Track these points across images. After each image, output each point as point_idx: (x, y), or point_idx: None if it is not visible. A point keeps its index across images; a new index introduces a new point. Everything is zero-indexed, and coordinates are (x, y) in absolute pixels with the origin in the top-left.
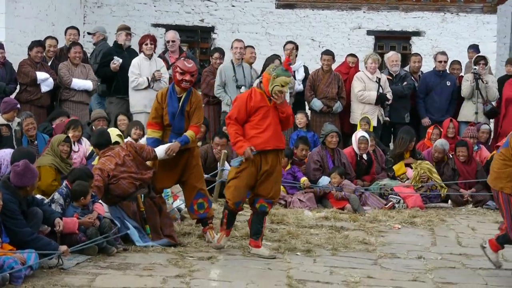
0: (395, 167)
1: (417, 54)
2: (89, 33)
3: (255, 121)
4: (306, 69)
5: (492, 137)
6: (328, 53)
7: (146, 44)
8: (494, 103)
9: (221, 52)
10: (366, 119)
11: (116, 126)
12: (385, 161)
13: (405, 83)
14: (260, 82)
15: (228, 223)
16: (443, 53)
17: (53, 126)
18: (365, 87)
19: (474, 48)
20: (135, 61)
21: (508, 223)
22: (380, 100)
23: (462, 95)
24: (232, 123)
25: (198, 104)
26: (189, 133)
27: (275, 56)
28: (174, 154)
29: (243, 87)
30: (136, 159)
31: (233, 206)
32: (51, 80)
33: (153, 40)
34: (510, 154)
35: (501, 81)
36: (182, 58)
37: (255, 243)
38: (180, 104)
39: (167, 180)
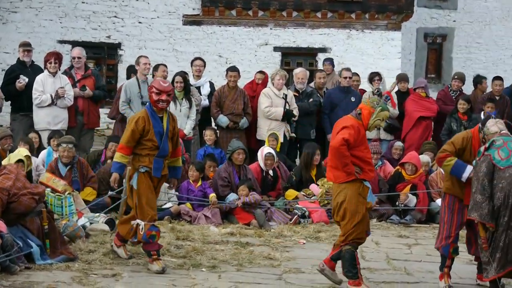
0: (287, 193)
1: (321, 70)
2: None
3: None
4: (212, 85)
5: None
6: (233, 69)
7: (50, 63)
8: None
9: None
10: (274, 135)
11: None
12: (288, 177)
13: (311, 99)
14: (359, 113)
15: None
16: (348, 69)
17: None
18: (272, 103)
19: (329, 61)
20: (39, 78)
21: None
22: (287, 116)
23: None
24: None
25: (176, 124)
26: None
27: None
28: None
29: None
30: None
31: None
32: None
33: (58, 57)
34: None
35: (401, 97)
36: (158, 78)
37: None
38: (165, 125)
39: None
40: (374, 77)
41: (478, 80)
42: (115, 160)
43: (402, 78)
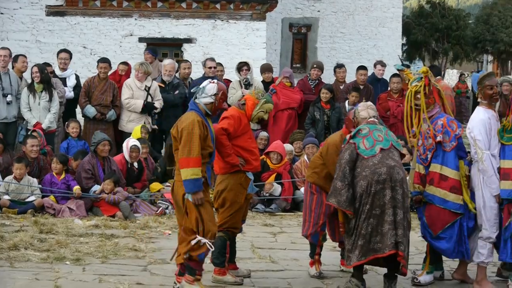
0: (151, 186)
1: (186, 61)
2: None
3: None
4: (77, 77)
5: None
6: (104, 60)
7: None
8: None
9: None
10: (146, 128)
11: None
12: (153, 169)
13: (177, 92)
14: (243, 104)
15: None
16: (212, 59)
17: None
18: (133, 95)
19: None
20: None
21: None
22: (147, 108)
23: (228, 103)
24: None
25: None
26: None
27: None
28: None
29: (9, 96)
30: None
31: None
32: None
33: None
34: (325, 151)
35: (265, 87)
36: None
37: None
38: (212, 127)
39: None
40: (242, 66)
41: (336, 68)
42: (195, 177)
43: (266, 68)
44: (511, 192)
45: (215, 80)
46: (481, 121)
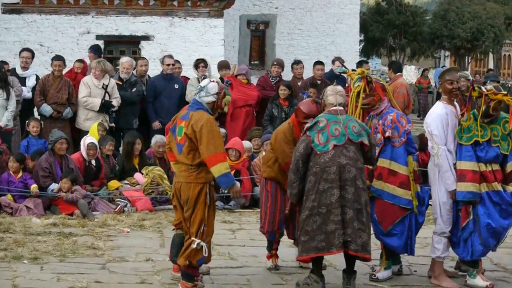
0: (109, 184)
1: (143, 58)
2: None
3: None
4: (38, 78)
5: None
6: (58, 58)
7: None
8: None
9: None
10: (103, 126)
11: None
12: (112, 167)
13: (134, 89)
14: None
15: None
16: (170, 56)
17: None
18: (90, 93)
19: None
20: None
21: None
22: (105, 107)
23: (186, 100)
24: None
25: None
26: None
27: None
28: None
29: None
30: None
31: None
32: None
33: None
34: (273, 139)
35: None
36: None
37: None
38: None
39: None
40: (199, 64)
41: (293, 65)
42: (227, 171)
43: (223, 65)
44: (466, 194)
45: (215, 79)
46: (439, 116)
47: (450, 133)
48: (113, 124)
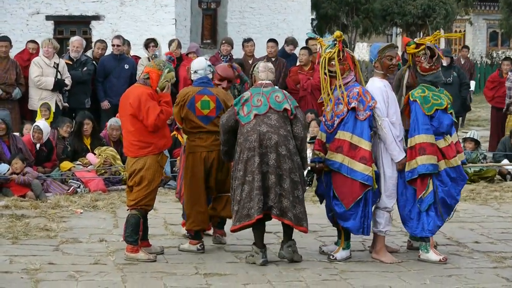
0: (61, 165)
1: (102, 41)
2: None
3: None
4: None
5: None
6: (4, 39)
7: None
8: None
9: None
10: (47, 105)
11: None
12: (63, 148)
13: (85, 68)
14: (147, 78)
15: None
16: (118, 36)
17: None
18: (42, 72)
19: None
20: None
21: None
22: (58, 86)
23: (137, 79)
24: None
25: None
26: None
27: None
28: None
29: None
30: None
31: None
32: None
33: None
34: None
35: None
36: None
37: None
38: None
39: None
40: (149, 43)
41: (244, 43)
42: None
43: (178, 45)
44: (429, 166)
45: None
46: (378, 89)
47: (391, 106)
48: (66, 104)
